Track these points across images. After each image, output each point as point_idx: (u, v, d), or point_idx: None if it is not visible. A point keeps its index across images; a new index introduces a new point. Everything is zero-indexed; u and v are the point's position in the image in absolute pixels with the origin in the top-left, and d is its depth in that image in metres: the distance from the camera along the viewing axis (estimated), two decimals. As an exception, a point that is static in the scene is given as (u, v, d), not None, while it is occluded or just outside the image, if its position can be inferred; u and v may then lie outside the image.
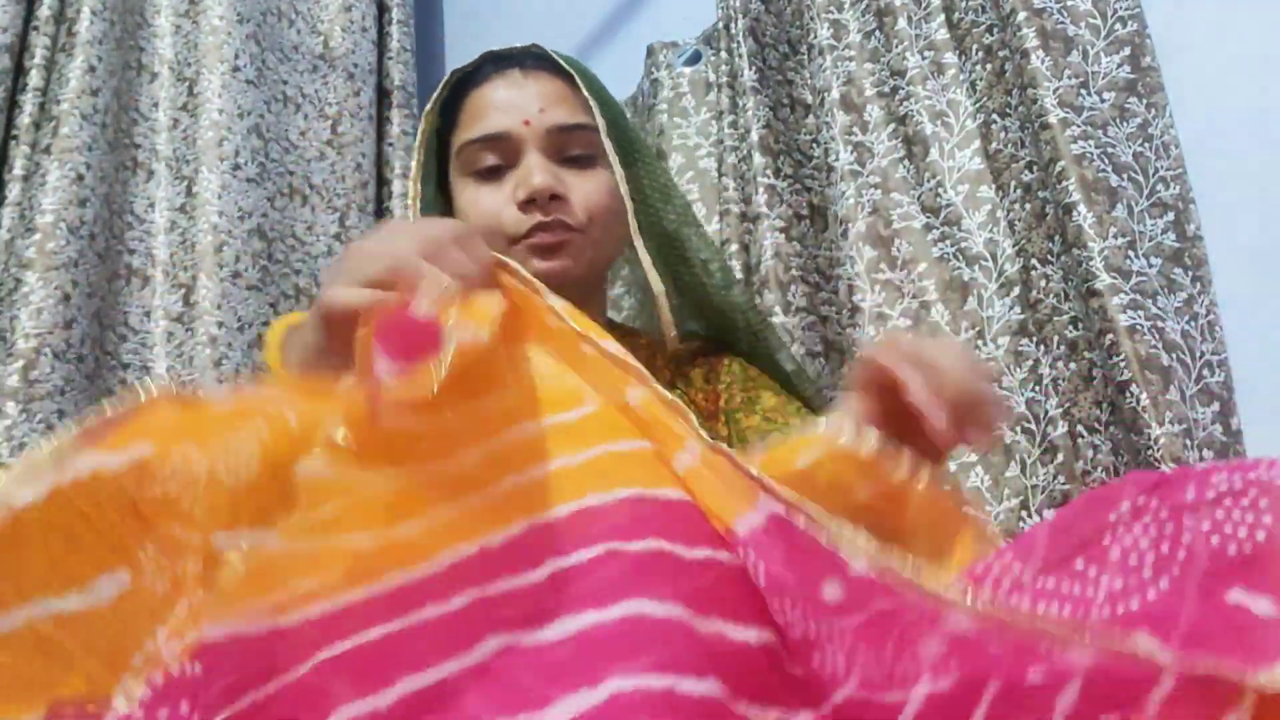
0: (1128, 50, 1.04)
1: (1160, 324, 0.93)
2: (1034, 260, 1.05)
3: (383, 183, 1.77)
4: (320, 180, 1.67)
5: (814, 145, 1.31)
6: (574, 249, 0.90)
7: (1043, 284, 1.04)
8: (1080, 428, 0.98)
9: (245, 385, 0.45)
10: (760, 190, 1.24)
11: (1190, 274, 0.97)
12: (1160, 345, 0.92)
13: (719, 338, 1.02)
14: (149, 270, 1.49)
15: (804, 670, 0.46)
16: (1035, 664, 0.40)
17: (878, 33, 1.25)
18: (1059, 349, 1.02)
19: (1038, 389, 1.04)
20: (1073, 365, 1.00)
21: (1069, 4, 1.05)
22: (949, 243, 1.14)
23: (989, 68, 1.13)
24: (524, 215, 0.88)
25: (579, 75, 0.94)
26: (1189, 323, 0.95)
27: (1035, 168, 1.06)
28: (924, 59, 1.20)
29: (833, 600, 0.45)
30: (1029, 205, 1.07)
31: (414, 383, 0.45)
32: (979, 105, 1.14)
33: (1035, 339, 1.05)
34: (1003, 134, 1.11)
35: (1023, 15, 1.05)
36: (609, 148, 0.92)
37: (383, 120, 1.80)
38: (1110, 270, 0.94)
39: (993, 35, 1.13)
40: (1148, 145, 1.01)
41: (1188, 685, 0.39)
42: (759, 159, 1.26)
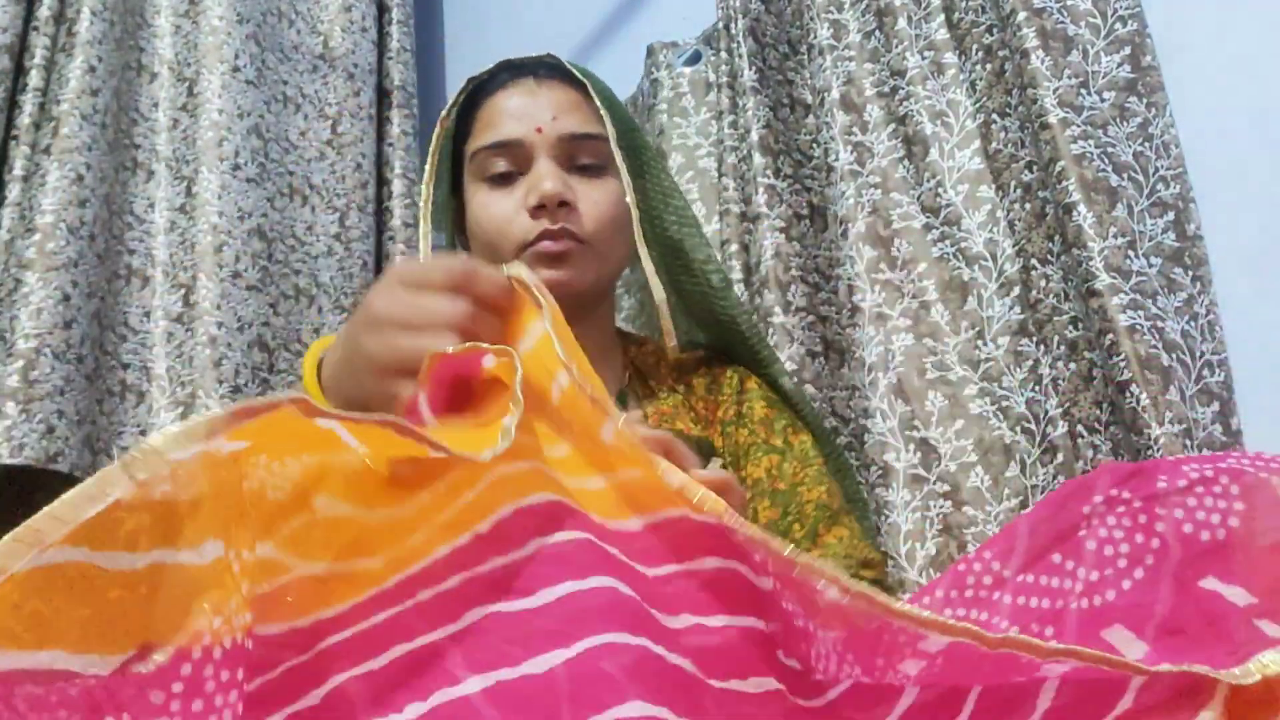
0: (1128, 50, 1.04)
1: (1160, 324, 0.93)
2: (1034, 260, 1.05)
3: (383, 183, 1.77)
4: (320, 180, 1.67)
5: (814, 145, 1.31)
6: (580, 260, 0.91)
7: (1043, 284, 1.04)
8: (1080, 428, 0.98)
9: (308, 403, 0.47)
10: (760, 190, 1.24)
11: (1190, 274, 0.97)
12: (1160, 345, 0.92)
13: (720, 347, 1.03)
14: (149, 270, 1.49)
15: (800, 664, 0.47)
16: (1013, 673, 0.41)
17: (878, 33, 1.25)
18: (1059, 349, 1.01)
19: (1038, 389, 1.04)
20: (1073, 365, 1.00)
21: (1069, 4, 1.05)
22: (949, 243, 1.14)
23: (989, 68, 1.13)
24: (533, 221, 0.90)
25: (591, 85, 0.95)
26: (1189, 323, 0.95)
27: (1035, 168, 1.06)
28: (924, 59, 1.20)
29: (825, 604, 0.45)
30: (1029, 205, 1.07)
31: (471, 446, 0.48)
32: (979, 105, 1.14)
33: (1035, 339, 1.05)
34: (1003, 134, 1.11)
35: (1023, 15, 1.04)
36: (618, 157, 0.93)
37: (383, 120, 1.80)
38: (1110, 270, 0.94)
39: (993, 35, 1.13)
40: (1148, 145, 1.01)
41: (1162, 682, 0.39)
42: (759, 159, 1.26)
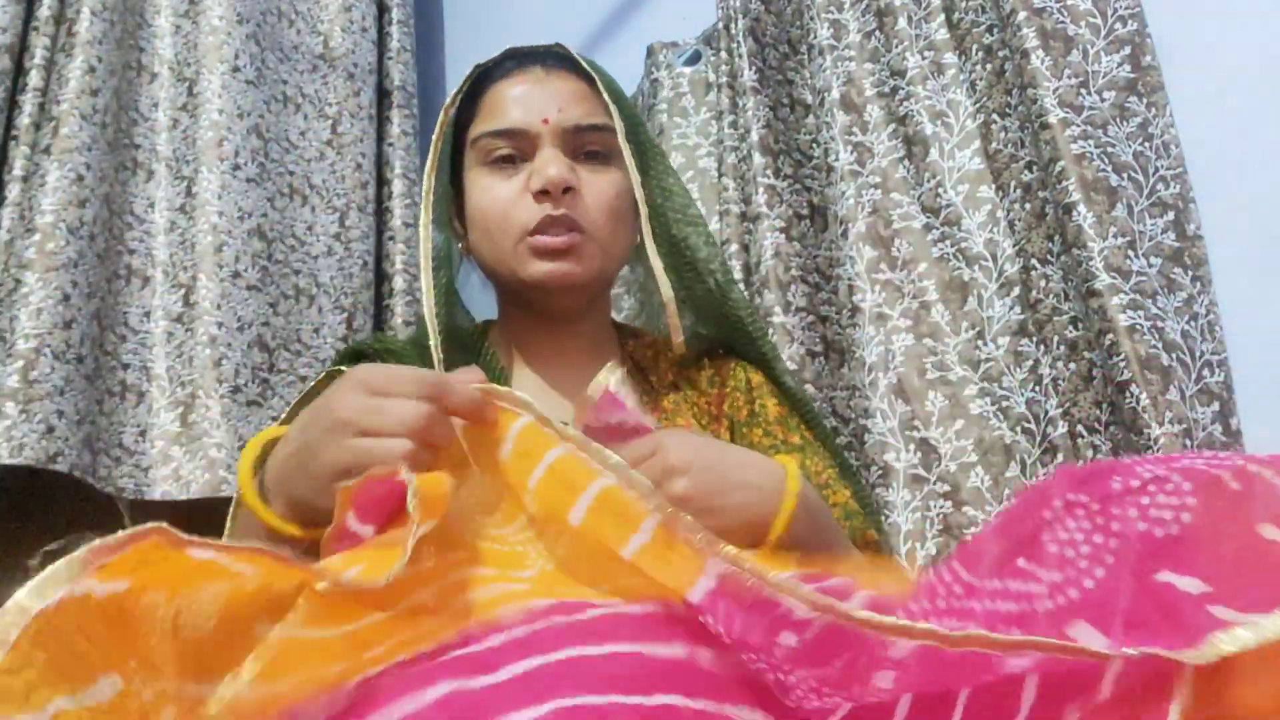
0: (1128, 50, 1.04)
1: (1160, 324, 0.93)
2: (1034, 260, 1.05)
3: (383, 183, 1.77)
4: (320, 180, 1.67)
5: (814, 145, 1.31)
6: (582, 253, 0.90)
7: (1043, 284, 1.04)
8: (1080, 428, 0.98)
9: (221, 539, 0.50)
10: (760, 190, 1.24)
11: (1190, 274, 0.97)
12: (1160, 345, 0.92)
13: (723, 343, 1.02)
14: (149, 270, 1.49)
15: (794, 704, 0.47)
16: (983, 671, 0.42)
17: (878, 33, 1.25)
18: (1059, 349, 1.01)
19: (1038, 389, 1.04)
20: (1073, 365, 1.00)
21: (1069, 4, 1.05)
22: (949, 243, 1.14)
23: (989, 68, 1.13)
24: (536, 206, 0.89)
25: (599, 78, 0.95)
26: (1189, 323, 0.95)
27: (1035, 168, 1.06)
28: (924, 59, 1.20)
29: (790, 646, 0.47)
30: (1029, 205, 1.07)
31: (371, 575, 0.50)
32: (979, 105, 1.14)
33: (1035, 339, 1.05)
34: (1003, 134, 1.11)
35: (1023, 15, 1.04)
36: (626, 151, 0.92)
37: (383, 120, 1.80)
38: (1110, 270, 0.94)
39: (993, 35, 1.13)
40: (1148, 145, 1.01)
41: (1132, 668, 0.41)
42: (759, 159, 1.26)
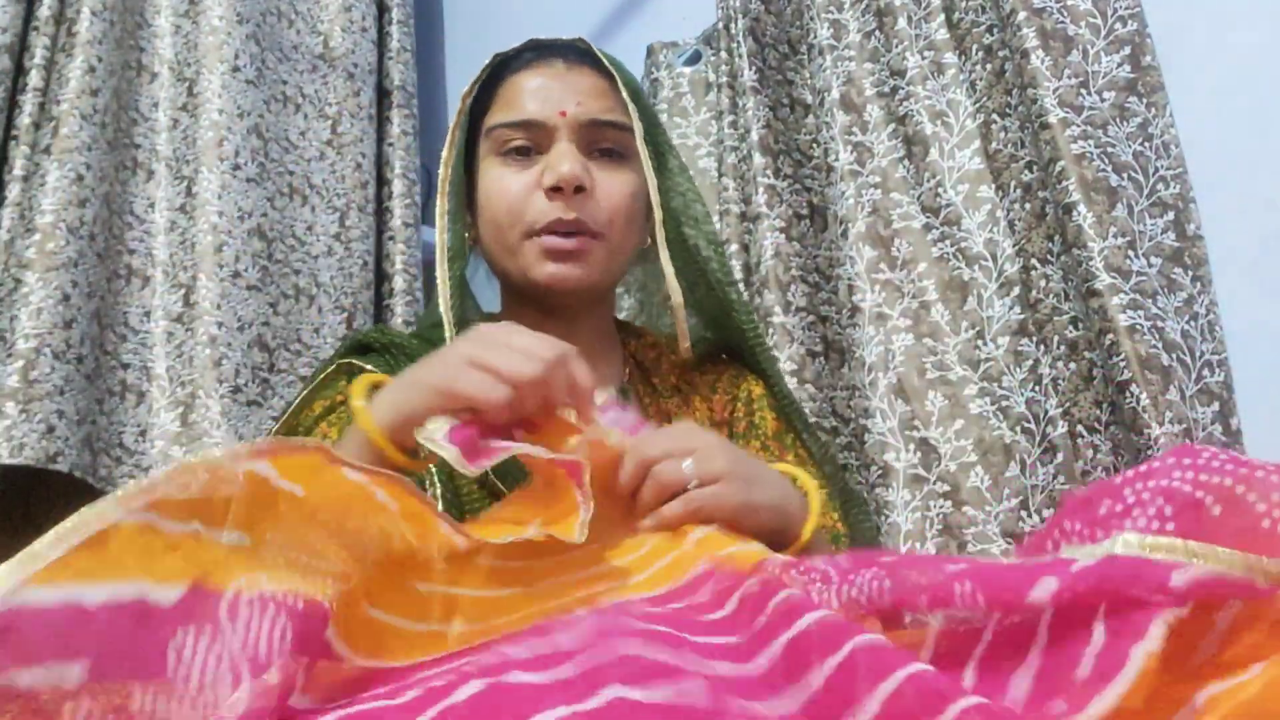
0: (1128, 50, 1.04)
1: (1160, 324, 0.93)
2: (1034, 260, 1.05)
3: (383, 183, 1.77)
4: (320, 180, 1.67)
5: (814, 145, 1.31)
6: (590, 257, 0.89)
7: (1043, 284, 1.04)
8: (1080, 428, 0.98)
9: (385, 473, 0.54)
10: (760, 190, 1.24)
11: (1190, 274, 0.97)
12: (1160, 345, 0.92)
13: (727, 345, 1.02)
14: (149, 270, 1.49)
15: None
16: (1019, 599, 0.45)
17: (877, 33, 1.25)
18: (1059, 349, 1.01)
19: (1038, 389, 1.04)
20: (1073, 365, 1.00)
21: (1069, 4, 1.05)
22: (949, 243, 1.14)
23: (989, 68, 1.13)
24: (548, 204, 0.88)
25: (620, 75, 0.94)
26: (1189, 322, 0.95)
27: (1035, 168, 1.06)
28: (924, 59, 1.20)
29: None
30: (1029, 205, 1.07)
31: (566, 530, 0.59)
32: (979, 105, 1.14)
33: (1035, 339, 1.05)
34: (1003, 134, 1.11)
35: (1023, 15, 1.04)
36: (644, 151, 0.91)
37: (383, 120, 1.80)
38: (1110, 270, 0.94)
39: (993, 35, 1.13)
40: (1148, 145, 1.01)
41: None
42: (759, 159, 1.26)
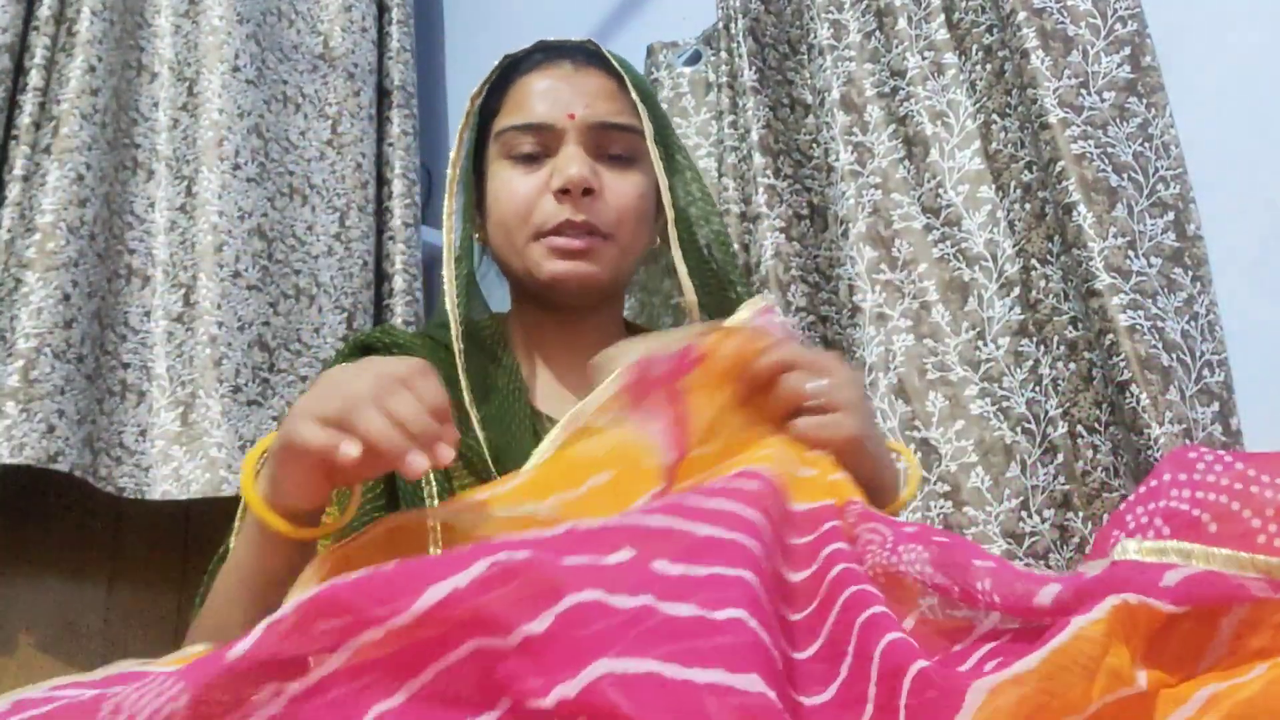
0: (1128, 50, 1.04)
1: (1160, 324, 0.93)
2: (1034, 260, 1.06)
3: (383, 183, 1.77)
4: (320, 180, 1.67)
5: (814, 145, 1.31)
6: (600, 256, 0.89)
7: (1043, 284, 1.04)
8: (1080, 428, 0.99)
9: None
10: (760, 190, 1.24)
11: (1190, 274, 0.97)
12: (1160, 345, 0.92)
13: None
14: (149, 270, 1.49)
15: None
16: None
17: (878, 33, 1.26)
18: (1059, 349, 1.02)
19: (1038, 389, 1.04)
20: (1073, 365, 1.00)
21: (1069, 4, 1.05)
22: (949, 243, 1.14)
23: (989, 68, 1.13)
24: (556, 206, 0.88)
25: (630, 77, 0.94)
26: (1189, 322, 0.95)
27: (1035, 168, 1.06)
28: (924, 59, 1.20)
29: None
30: (1029, 205, 1.07)
31: None
32: (979, 105, 1.14)
33: (1035, 339, 1.05)
34: (1003, 134, 1.11)
35: (1023, 15, 1.05)
36: (655, 153, 0.91)
37: (383, 120, 1.80)
38: (1110, 270, 0.94)
39: (993, 35, 1.13)
40: (1148, 145, 1.01)
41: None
42: (759, 159, 1.26)
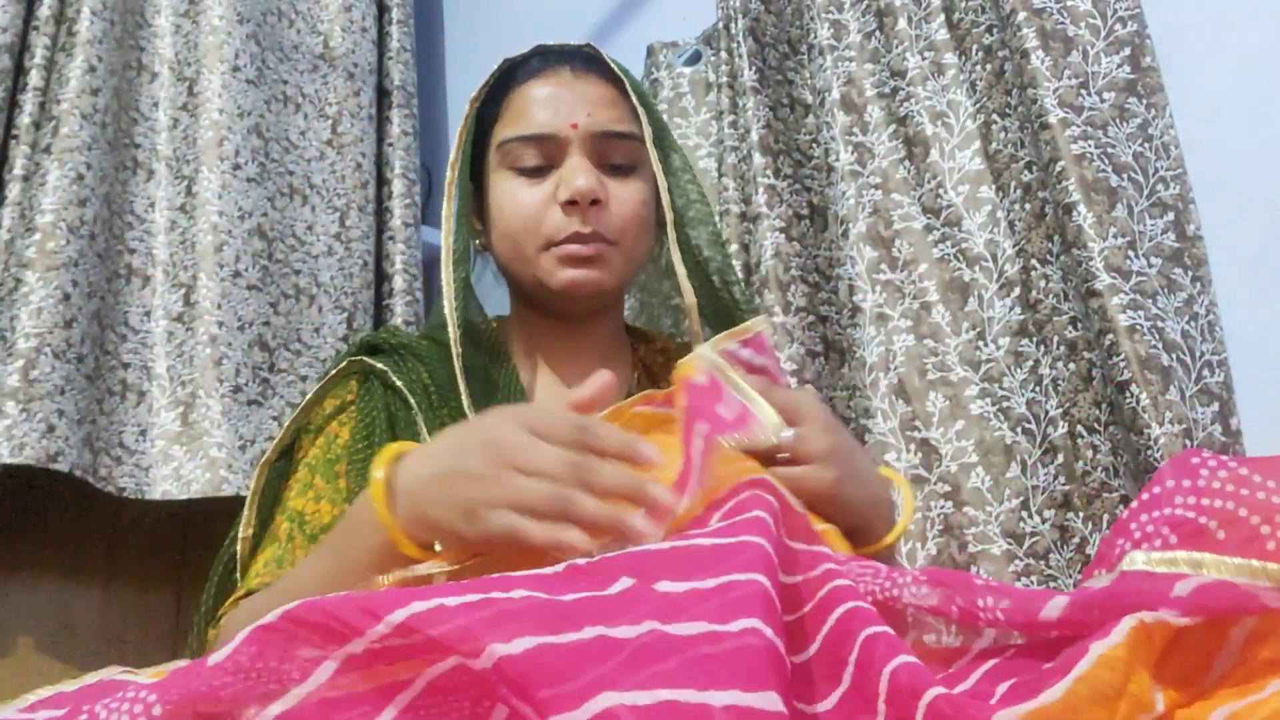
0: (1127, 50, 1.04)
1: (1160, 324, 0.93)
2: (1034, 260, 1.06)
3: (383, 183, 1.77)
4: (320, 180, 1.67)
5: (814, 145, 1.31)
6: (608, 262, 0.90)
7: (1043, 284, 1.04)
8: (1080, 428, 0.99)
9: None
10: (760, 190, 1.24)
11: (1190, 274, 0.97)
12: (1160, 345, 0.92)
13: None
14: (149, 270, 1.49)
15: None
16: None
17: (878, 33, 1.26)
18: (1059, 349, 1.02)
19: (1038, 389, 1.04)
20: (1073, 365, 1.00)
21: (1069, 4, 1.05)
22: (949, 243, 1.14)
23: (989, 68, 1.13)
24: (564, 218, 0.89)
25: (628, 80, 0.94)
26: (1189, 323, 0.95)
27: (1035, 168, 1.06)
28: (924, 59, 1.20)
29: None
30: (1029, 205, 1.07)
31: None
32: (979, 106, 1.14)
33: (1035, 339, 1.05)
34: (1003, 134, 1.11)
35: (1023, 15, 1.05)
36: (654, 157, 0.92)
37: (383, 120, 1.80)
38: (1110, 270, 0.94)
39: (993, 35, 1.13)
40: (1147, 145, 1.01)
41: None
42: (759, 159, 1.26)
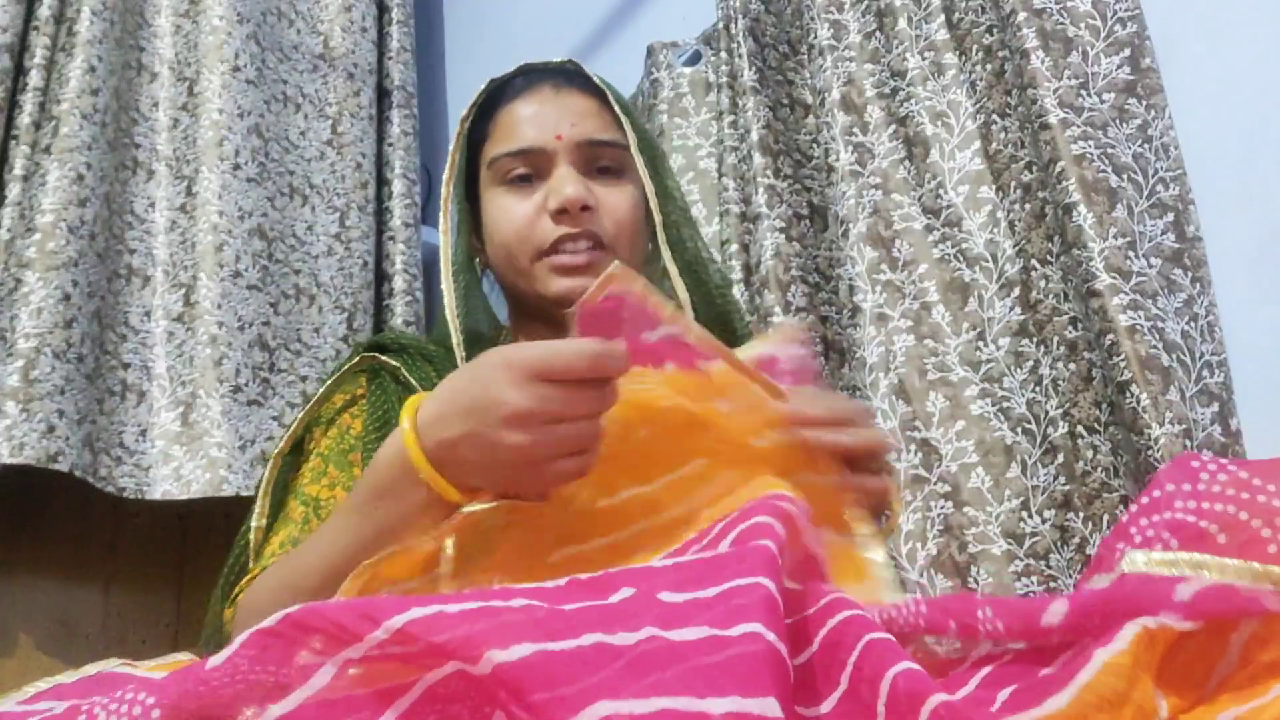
0: (1127, 52, 1.04)
1: (1160, 324, 0.93)
2: (1034, 261, 1.06)
3: (383, 183, 1.77)
4: (320, 180, 1.67)
5: (814, 145, 1.31)
6: (602, 269, 0.91)
7: (1043, 284, 1.04)
8: (1080, 428, 0.99)
9: None
10: (760, 190, 1.25)
11: (1190, 275, 0.97)
12: (1160, 346, 0.92)
13: None
14: (149, 270, 1.49)
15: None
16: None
17: (878, 33, 1.26)
18: (1059, 349, 1.02)
19: (1038, 389, 1.04)
20: (1073, 365, 1.00)
21: (1069, 5, 1.05)
22: (949, 243, 1.14)
23: (989, 68, 1.13)
24: (554, 226, 0.91)
25: (610, 92, 0.97)
26: (1189, 323, 0.95)
27: (1035, 168, 1.06)
28: (924, 60, 1.20)
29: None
30: (1029, 206, 1.07)
31: None
32: (979, 106, 1.14)
33: (1035, 339, 1.05)
34: (1003, 134, 1.11)
35: (1022, 16, 1.05)
36: (640, 162, 0.94)
37: (383, 120, 1.80)
38: (1110, 270, 0.94)
39: (993, 36, 1.13)
40: (1147, 146, 1.01)
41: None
42: (759, 159, 1.26)
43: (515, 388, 0.60)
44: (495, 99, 0.98)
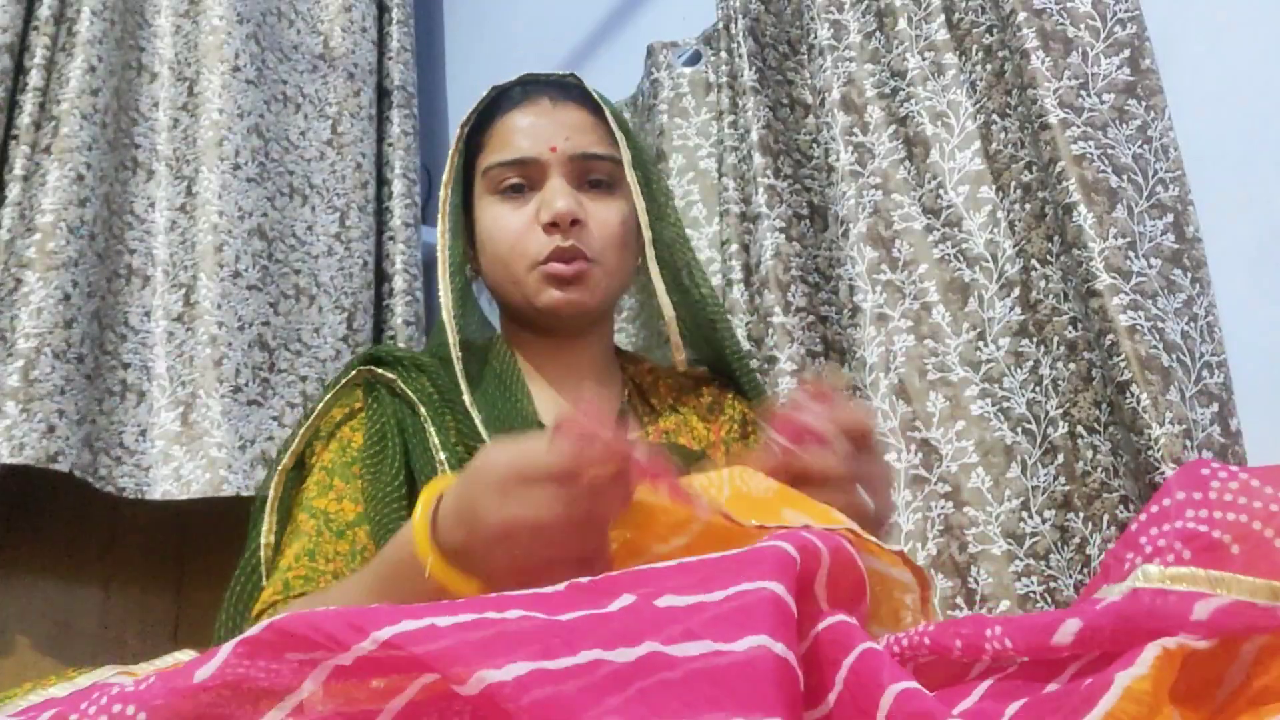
0: (1127, 52, 1.04)
1: (1160, 325, 0.93)
2: (1034, 261, 1.06)
3: (383, 183, 1.77)
4: (320, 180, 1.67)
5: (814, 145, 1.31)
6: (591, 281, 0.94)
7: (1043, 284, 1.04)
8: (1080, 428, 0.99)
9: None
10: (760, 190, 1.25)
11: (1189, 275, 0.98)
12: (1160, 346, 0.92)
13: (715, 365, 1.06)
14: (149, 270, 1.49)
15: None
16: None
17: (878, 33, 1.26)
18: (1059, 349, 1.02)
19: (1038, 389, 1.04)
20: (1073, 365, 1.00)
21: (1069, 5, 1.06)
22: (949, 244, 1.14)
23: (989, 68, 1.13)
24: (546, 238, 0.93)
25: (607, 108, 0.99)
26: (1189, 324, 0.95)
27: (1035, 168, 1.06)
28: (924, 60, 1.20)
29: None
30: (1029, 206, 1.07)
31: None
32: (979, 106, 1.15)
33: (1035, 339, 1.05)
34: (1003, 134, 1.11)
35: (1022, 16, 1.05)
36: (633, 178, 0.96)
37: (383, 120, 1.80)
38: (1110, 271, 0.94)
39: (993, 36, 1.13)
40: (1147, 147, 1.02)
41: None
42: (759, 159, 1.26)
43: (497, 497, 0.58)
44: (494, 108, 1.00)
